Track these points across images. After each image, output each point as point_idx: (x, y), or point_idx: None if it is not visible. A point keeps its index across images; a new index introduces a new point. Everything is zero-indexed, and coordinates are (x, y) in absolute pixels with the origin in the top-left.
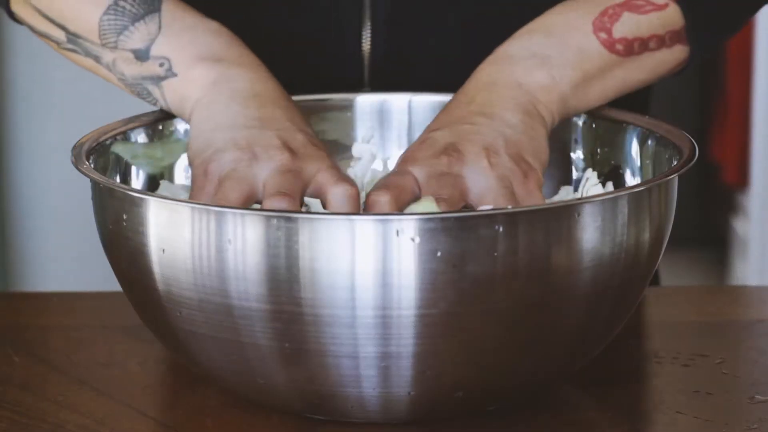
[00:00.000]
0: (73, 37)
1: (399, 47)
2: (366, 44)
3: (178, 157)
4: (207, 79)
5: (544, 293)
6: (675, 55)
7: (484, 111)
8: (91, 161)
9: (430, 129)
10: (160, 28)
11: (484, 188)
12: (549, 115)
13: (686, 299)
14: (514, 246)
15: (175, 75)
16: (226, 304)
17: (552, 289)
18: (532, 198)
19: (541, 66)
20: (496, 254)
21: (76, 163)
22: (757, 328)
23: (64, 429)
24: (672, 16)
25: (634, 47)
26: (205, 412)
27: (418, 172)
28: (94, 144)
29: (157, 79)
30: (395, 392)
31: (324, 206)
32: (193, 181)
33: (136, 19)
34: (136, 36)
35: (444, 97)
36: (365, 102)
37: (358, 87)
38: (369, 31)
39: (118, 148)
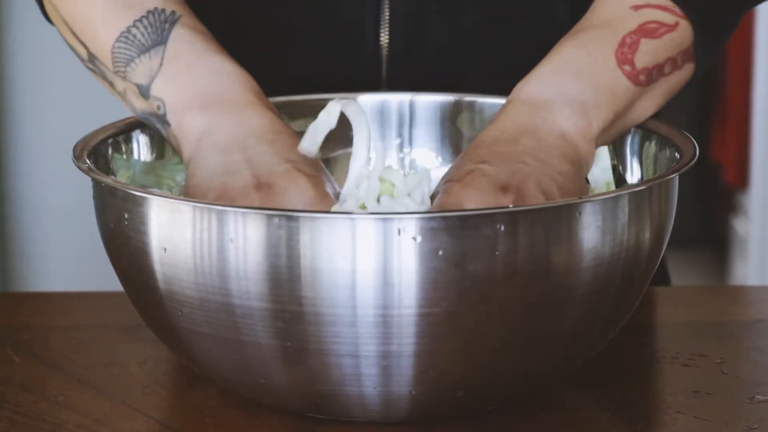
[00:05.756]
0: (92, 57)
1: (417, 44)
2: (384, 40)
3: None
4: (194, 133)
5: (544, 292)
6: (684, 74)
7: (534, 155)
8: (92, 160)
9: (473, 159)
10: (161, 64)
11: None
12: (587, 166)
13: (686, 299)
14: (515, 245)
15: (169, 124)
16: (227, 303)
17: (553, 289)
18: None
19: (581, 113)
20: (497, 253)
21: (78, 163)
22: (757, 328)
23: (64, 429)
24: (683, 35)
25: (653, 75)
26: (205, 412)
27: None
28: (95, 143)
29: (159, 119)
30: (396, 391)
31: None
32: None
33: (143, 51)
34: (140, 70)
35: (445, 97)
36: (366, 102)
37: (376, 83)
38: (387, 27)
39: (118, 166)
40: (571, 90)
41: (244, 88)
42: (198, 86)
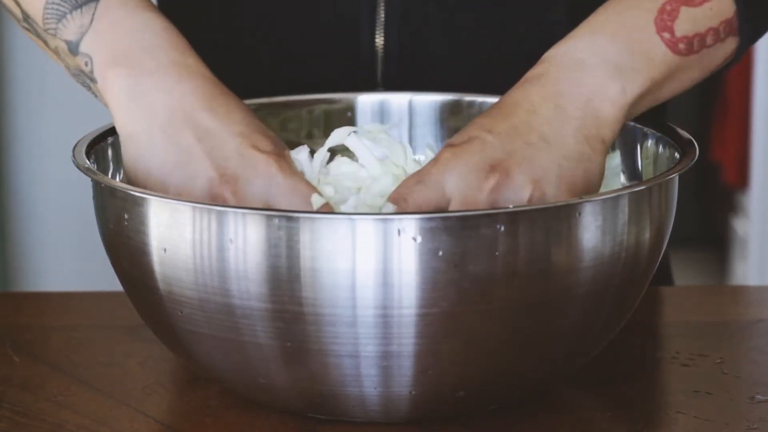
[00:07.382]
0: (25, 16)
1: (412, 45)
2: (379, 41)
3: None
4: (119, 93)
5: (544, 292)
6: (726, 48)
7: (545, 131)
8: (92, 161)
9: (482, 125)
10: (92, 20)
11: None
12: (611, 137)
13: (686, 299)
14: (515, 245)
15: (95, 81)
16: (227, 304)
17: (552, 289)
18: None
19: (614, 77)
20: (497, 253)
21: (77, 163)
22: (757, 328)
23: (64, 429)
24: (723, 3)
25: (694, 45)
26: (205, 412)
27: (454, 183)
28: (95, 143)
29: (88, 77)
30: (396, 392)
31: None
32: None
33: (75, 7)
34: (71, 26)
35: (445, 97)
36: (366, 102)
37: (372, 84)
38: (382, 29)
39: None
40: (606, 51)
41: (170, 46)
42: (123, 44)
